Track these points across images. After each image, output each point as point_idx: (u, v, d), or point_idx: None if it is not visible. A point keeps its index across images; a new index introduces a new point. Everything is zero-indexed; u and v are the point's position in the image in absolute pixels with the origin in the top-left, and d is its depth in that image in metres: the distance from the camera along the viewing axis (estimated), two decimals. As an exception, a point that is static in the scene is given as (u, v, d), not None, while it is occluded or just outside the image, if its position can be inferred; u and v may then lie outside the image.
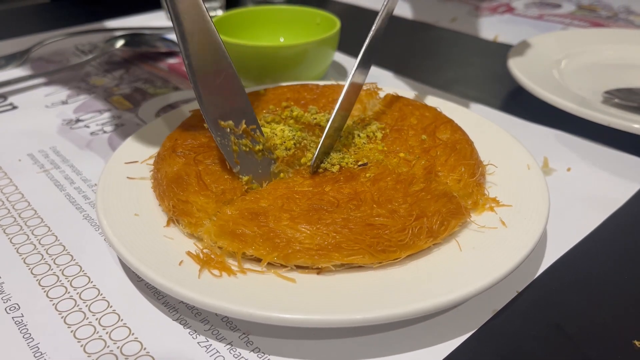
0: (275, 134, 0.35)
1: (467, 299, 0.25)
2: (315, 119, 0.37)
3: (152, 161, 0.35)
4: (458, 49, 0.68)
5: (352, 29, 0.75)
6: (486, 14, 0.81)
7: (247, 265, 0.27)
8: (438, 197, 0.30)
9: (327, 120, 0.37)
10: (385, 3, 0.36)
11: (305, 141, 0.35)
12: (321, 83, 0.43)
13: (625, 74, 0.54)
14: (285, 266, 0.27)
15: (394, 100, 0.40)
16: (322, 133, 0.37)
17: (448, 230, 0.29)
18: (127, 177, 0.34)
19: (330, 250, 0.27)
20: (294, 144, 0.34)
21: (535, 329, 0.27)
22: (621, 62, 0.57)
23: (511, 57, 0.53)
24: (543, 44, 0.58)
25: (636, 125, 0.41)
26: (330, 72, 0.58)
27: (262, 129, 0.36)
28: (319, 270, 0.27)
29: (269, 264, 0.27)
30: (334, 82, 0.44)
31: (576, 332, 0.27)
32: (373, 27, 0.35)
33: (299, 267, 0.27)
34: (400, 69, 0.59)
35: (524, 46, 0.57)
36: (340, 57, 0.62)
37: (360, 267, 0.27)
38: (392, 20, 0.78)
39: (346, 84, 0.34)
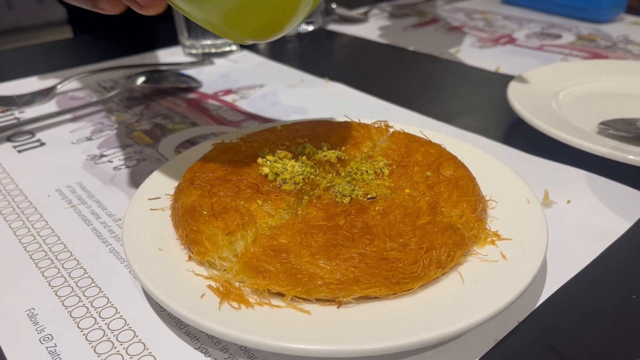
0: (286, 169, 0.37)
1: (469, 330, 0.27)
2: (326, 156, 0.39)
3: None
4: (461, 80, 0.70)
5: (361, 62, 0.78)
6: (489, 45, 0.84)
7: (266, 298, 0.29)
8: (444, 230, 0.32)
9: (337, 157, 0.40)
10: None
11: (312, 176, 0.37)
12: (335, 120, 0.46)
13: (621, 105, 0.56)
14: (306, 299, 0.29)
15: (401, 136, 0.42)
16: (332, 169, 0.39)
17: (454, 260, 0.31)
18: (150, 209, 0.36)
19: (350, 284, 0.29)
20: (303, 178, 0.36)
21: (535, 357, 0.28)
22: (617, 92, 0.60)
23: (511, 89, 0.56)
24: (542, 76, 0.61)
25: (631, 157, 0.42)
26: (343, 109, 0.60)
27: (275, 164, 0.38)
28: (339, 303, 0.29)
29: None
30: (347, 119, 0.46)
31: (575, 358, 0.28)
32: None
33: (319, 300, 0.29)
34: (406, 101, 0.62)
35: (523, 78, 0.59)
36: (357, 96, 0.65)
37: (375, 298, 0.29)
38: (398, 52, 0.81)
39: None
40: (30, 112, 0.60)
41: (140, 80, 0.64)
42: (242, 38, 0.36)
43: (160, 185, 0.39)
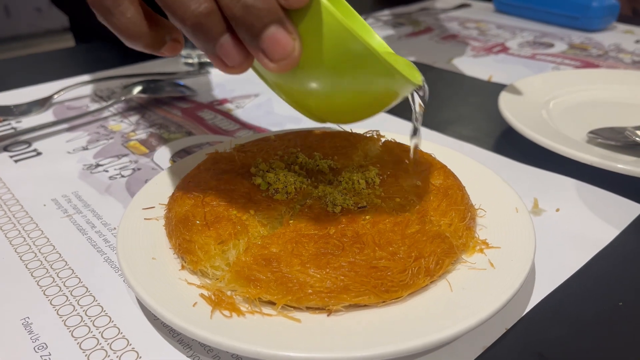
0: (279, 179, 0.38)
1: (458, 337, 0.27)
2: (318, 165, 0.40)
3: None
4: (454, 89, 0.71)
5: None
6: (482, 54, 0.85)
7: (257, 307, 0.30)
8: (433, 238, 0.32)
9: (329, 167, 0.40)
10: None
11: (304, 186, 0.38)
12: (328, 130, 0.47)
13: (611, 113, 0.57)
14: (296, 307, 0.30)
15: (392, 146, 0.43)
16: (324, 178, 0.40)
17: (443, 268, 0.31)
18: (145, 219, 0.37)
19: (340, 292, 0.29)
20: (295, 188, 0.37)
21: (523, 364, 0.29)
22: (607, 101, 0.61)
23: (502, 99, 0.56)
24: (533, 85, 0.62)
25: (620, 165, 0.43)
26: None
27: (267, 174, 0.39)
28: (329, 311, 0.29)
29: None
30: (337, 128, 0.47)
31: (561, 367, 0.29)
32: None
33: (309, 308, 0.30)
34: (399, 110, 0.62)
35: (514, 88, 0.60)
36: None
37: (364, 306, 0.30)
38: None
39: None
40: (26, 121, 0.60)
41: (137, 89, 0.65)
42: (326, 121, 0.36)
43: (155, 194, 0.40)
